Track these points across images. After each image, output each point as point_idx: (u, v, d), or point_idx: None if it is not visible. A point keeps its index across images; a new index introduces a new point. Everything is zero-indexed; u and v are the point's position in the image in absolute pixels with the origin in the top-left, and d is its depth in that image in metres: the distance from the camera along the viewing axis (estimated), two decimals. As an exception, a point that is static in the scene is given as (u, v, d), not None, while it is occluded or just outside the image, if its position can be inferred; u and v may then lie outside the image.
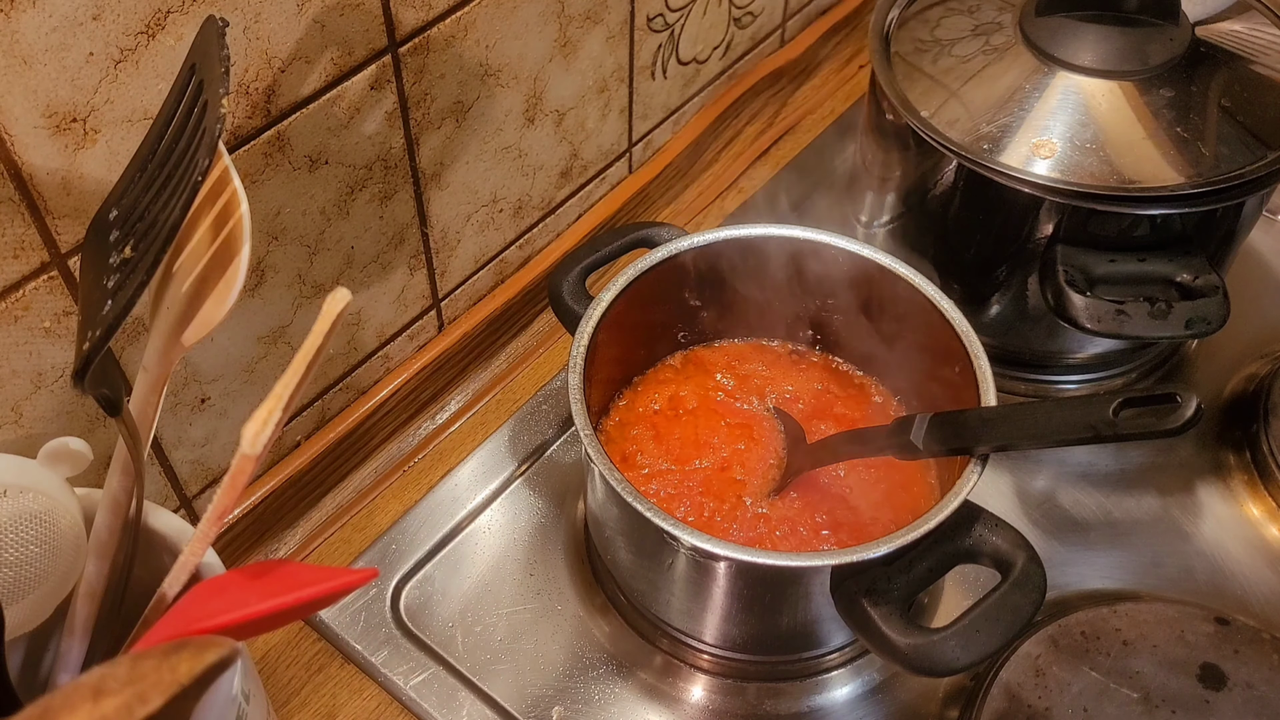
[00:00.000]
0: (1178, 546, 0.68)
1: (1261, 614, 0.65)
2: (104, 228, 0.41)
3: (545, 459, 0.72)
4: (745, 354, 0.69)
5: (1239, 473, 0.71)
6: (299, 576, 0.38)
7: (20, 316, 0.48)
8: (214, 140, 0.37)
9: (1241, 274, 0.80)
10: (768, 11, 0.88)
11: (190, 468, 0.61)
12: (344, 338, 0.67)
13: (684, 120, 0.87)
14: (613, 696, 0.62)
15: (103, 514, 0.44)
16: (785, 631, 0.59)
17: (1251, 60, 0.69)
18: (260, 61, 0.52)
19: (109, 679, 0.31)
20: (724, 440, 0.64)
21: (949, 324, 0.60)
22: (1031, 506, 0.70)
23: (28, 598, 0.44)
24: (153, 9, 0.46)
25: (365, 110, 0.58)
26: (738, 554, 0.51)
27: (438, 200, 0.67)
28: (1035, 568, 0.52)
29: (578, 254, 0.65)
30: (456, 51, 0.62)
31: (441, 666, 0.62)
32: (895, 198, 0.75)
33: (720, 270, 0.65)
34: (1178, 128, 0.65)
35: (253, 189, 0.55)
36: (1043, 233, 0.66)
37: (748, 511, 0.61)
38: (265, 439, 0.34)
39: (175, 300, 0.41)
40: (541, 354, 0.78)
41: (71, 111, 0.45)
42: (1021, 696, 0.60)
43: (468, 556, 0.67)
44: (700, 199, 0.88)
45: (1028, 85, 0.67)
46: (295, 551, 0.68)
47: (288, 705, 0.62)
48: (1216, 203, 0.63)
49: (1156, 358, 0.77)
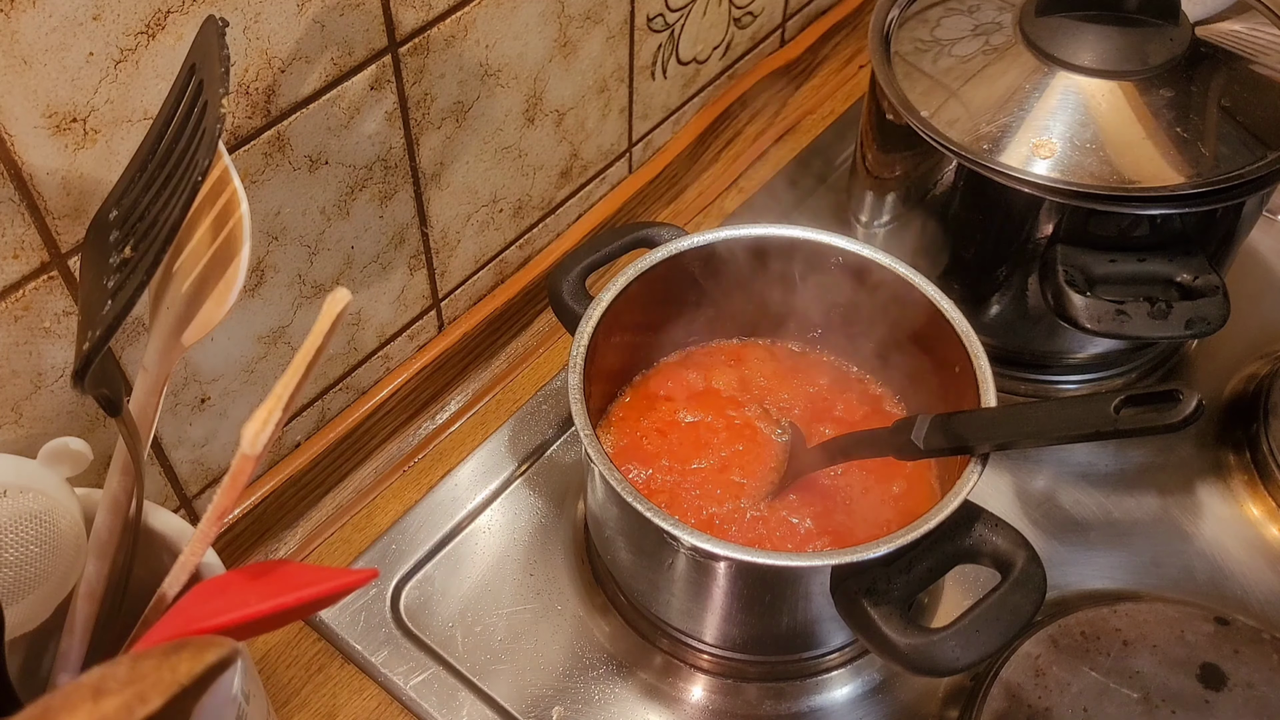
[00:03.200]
0: (1178, 546, 0.68)
1: (1261, 614, 0.65)
2: (104, 228, 0.41)
3: (545, 459, 0.72)
4: (745, 354, 0.69)
5: (1239, 473, 0.71)
6: (299, 577, 0.38)
7: (20, 316, 0.48)
8: (214, 140, 0.37)
9: (1241, 274, 0.80)
10: (768, 11, 0.88)
11: (190, 468, 0.61)
12: (344, 338, 0.67)
13: (684, 120, 0.87)
14: (613, 696, 0.62)
15: (103, 514, 0.44)
16: (785, 631, 0.59)
17: (1251, 60, 0.69)
18: (260, 61, 0.52)
19: (109, 679, 0.31)
20: (723, 441, 0.64)
21: (949, 324, 0.60)
22: (1031, 506, 0.70)
23: (28, 598, 0.44)
24: (153, 9, 0.46)
25: (365, 110, 0.58)
26: (738, 554, 0.51)
27: (438, 200, 0.67)
28: (1035, 568, 0.52)
29: (578, 254, 0.65)
30: (456, 51, 0.62)
31: (441, 666, 0.62)
32: (895, 198, 0.75)
33: (720, 270, 0.65)
34: (1178, 128, 0.65)
35: (253, 189, 0.55)
36: (1043, 233, 0.66)
37: (747, 513, 0.61)
38: (265, 439, 0.34)
39: (175, 300, 0.41)
40: (541, 354, 0.78)
41: (71, 111, 0.45)
42: (1021, 696, 0.60)
43: (468, 556, 0.67)
44: (700, 199, 0.88)
45: (1028, 85, 0.67)
46: (295, 551, 0.68)
47: (288, 705, 0.62)
48: (1216, 203, 0.64)
49: (1156, 358, 0.77)
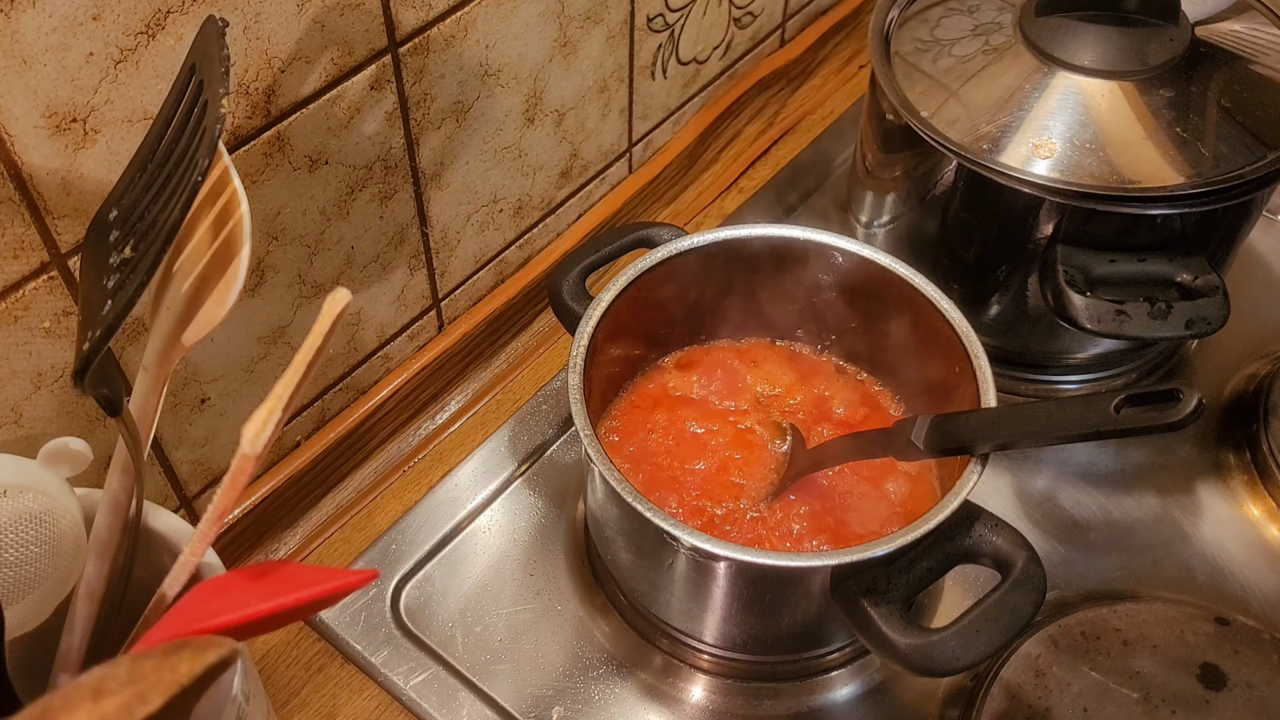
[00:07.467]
0: (1178, 546, 0.68)
1: (1261, 614, 0.65)
2: (104, 228, 0.41)
3: (545, 459, 0.72)
4: (745, 354, 0.69)
5: (1239, 473, 0.71)
6: (299, 577, 0.38)
7: (20, 316, 0.48)
8: (214, 140, 0.37)
9: (1241, 274, 0.80)
10: (768, 11, 0.88)
11: (190, 468, 0.61)
12: (344, 338, 0.67)
13: (684, 120, 0.87)
14: (613, 696, 0.62)
15: (103, 514, 0.44)
16: (785, 631, 0.59)
17: (1251, 60, 0.69)
18: (260, 61, 0.52)
19: (109, 679, 0.31)
20: (724, 442, 0.64)
21: (949, 324, 0.60)
22: (1031, 506, 0.70)
23: (28, 598, 0.44)
24: (153, 9, 0.46)
25: (365, 110, 0.58)
26: (738, 554, 0.51)
27: (438, 200, 0.67)
28: (1035, 568, 0.52)
29: (578, 254, 0.65)
30: (456, 52, 0.62)
31: (441, 666, 0.62)
32: (895, 198, 0.75)
33: (720, 270, 0.65)
34: (1178, 128, 0.65)
35: (253, 189, 0.55)
36: (1043, 233, 0.66)
37: (747, 513, 0.61)
38: (265, 439, 0.34)
39: (175, 300, 0.41)
40: (541, 354, 0.78)
41: (71, 111, 0.45)
42: (1021, 696, 0.60)
43: (468, 557, 0.67)
44: (700, 199, 0.88)
45: (1027, 85, 0.67)
46: (295, 552, 0.68)
47: (288, 705, 0.62)
48: (1216, 203, 0.63)
49: (1156, 358, 0.77)
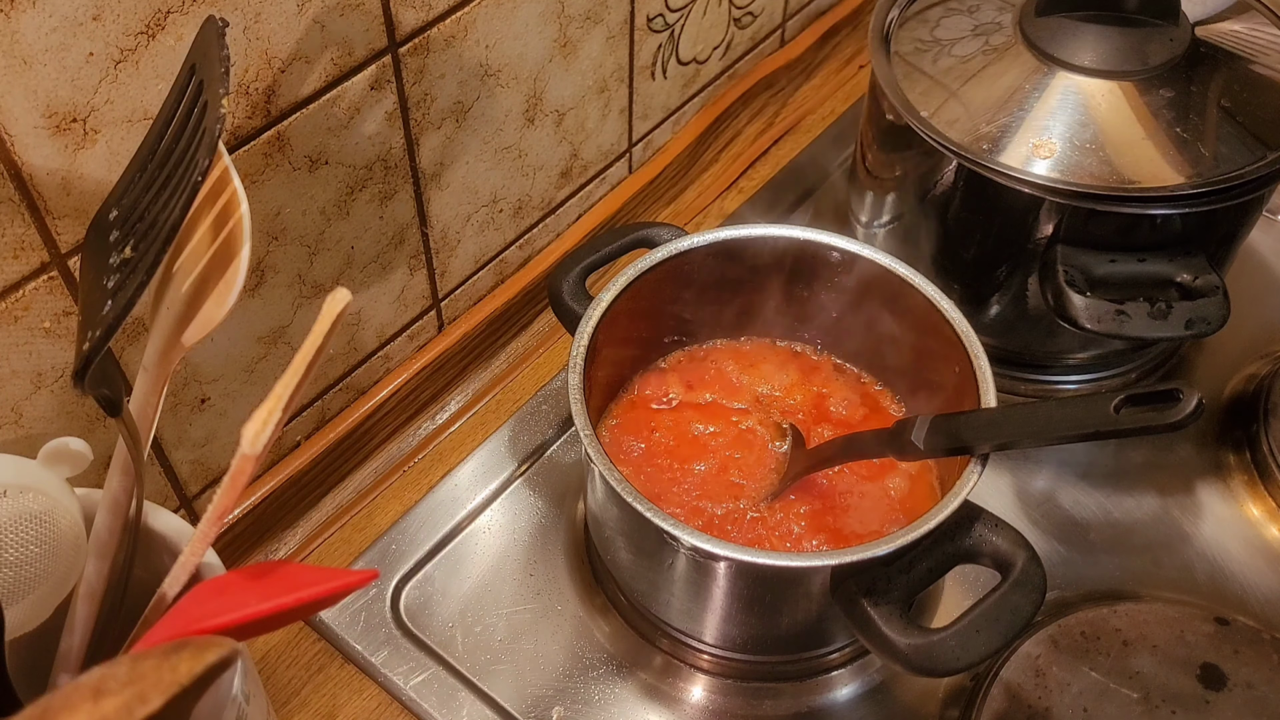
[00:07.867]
0: (1178, 546, 0.68)
1: (1261, 614, 0.65)
2: (104, 228, 0.41)
3: (545, 459, 0.72)
4: (745, 355, 0.69)
5: (1239, 473, 0.71)
6: (299, 577, 0.38)
7: (20, 316, 0.48)
8: (214, 140, 0.37)
9: (1241, 274, 0.79)
10: (768, 11, 0.88)
11: (190, 468, 0.61)
12: (344, 338, 0.67)
13: (684, 120, 0.87)
14: (613, 696, 0.62)
15: (103, 514, 0.44)
16: (785, 631, 0.59)
17: (1251, 60, 0.69)
18: (260, 61, 0.52)
19: (109, 679, 0.31)
20: (724, 442, 0.64)
21: (949, 324, 0.60)
22: (1031, 506, 0.70)
23: (28, 598, 0.44)
24: (153, 9, 0.46)
25: (365, 110, 0.58)
26: (738, 554, 0.51)
27: (438, 200, 0.67)
28: (1035, 568, 0.52)
29: (578, 254, 0.65)
30: (456, 52, 0.62)
31: (441, 666, 0.62)
32: (895, 198, 0.75)
33: (720, 270, 0.65)
34: (1178, 128, 0.65)
35: (253, 189, 0.55)
36: (1043, 233, 0.66)
37: (747, 513, 0.61)
38: (265, 439, 0.34)
39: (175, 300, 0.41)
40: (541, 354, 0.78)
41: (71, 111, 0.45)
42: (1021, 696, 0.60)
43: (468, 557, 0.67)
44: (700, 199, 0.88)
45: (1027, 85, 0.67)
46: (295, 552, 0.68)
47: (288, 705, 0.62)
48: (1216, 203, 0.63)
49: (1156, 358, 0.77)
